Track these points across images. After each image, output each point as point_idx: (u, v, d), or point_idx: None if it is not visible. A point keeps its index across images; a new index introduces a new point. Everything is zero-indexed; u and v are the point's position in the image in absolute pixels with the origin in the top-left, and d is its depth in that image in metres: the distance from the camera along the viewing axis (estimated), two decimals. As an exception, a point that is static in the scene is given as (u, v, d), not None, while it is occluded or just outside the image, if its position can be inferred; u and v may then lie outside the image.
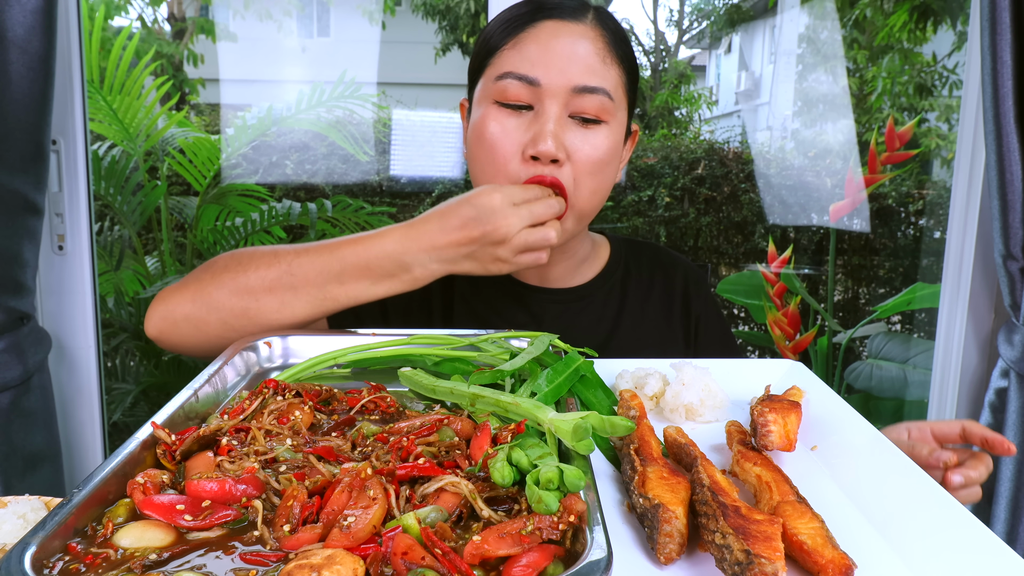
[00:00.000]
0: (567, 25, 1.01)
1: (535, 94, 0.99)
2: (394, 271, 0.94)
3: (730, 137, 5.04)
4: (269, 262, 0.96)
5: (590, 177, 1.01)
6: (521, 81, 0.99)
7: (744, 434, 0.74)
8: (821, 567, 0.52)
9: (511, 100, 1.00)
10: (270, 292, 0.95)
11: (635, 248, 1.26)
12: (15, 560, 0.46)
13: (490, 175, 1.03)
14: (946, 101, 4.18)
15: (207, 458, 0.61)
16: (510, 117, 1.00)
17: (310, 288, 0.95)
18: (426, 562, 0.47)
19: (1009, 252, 1.58)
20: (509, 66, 1.00)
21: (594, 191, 1.03)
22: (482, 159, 1.03)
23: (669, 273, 1.23)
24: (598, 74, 1.00)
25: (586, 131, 1.00)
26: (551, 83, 0.98)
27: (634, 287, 1.21)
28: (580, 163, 1.00)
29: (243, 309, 0.95)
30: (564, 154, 0.99)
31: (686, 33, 5.99)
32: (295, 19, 4.42)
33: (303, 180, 3.77)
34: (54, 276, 1.69)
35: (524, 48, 1.00)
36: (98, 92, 2.70)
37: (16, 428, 1.49)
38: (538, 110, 0.99)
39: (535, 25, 1.01)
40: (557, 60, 0.98)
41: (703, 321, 1.22)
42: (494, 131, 1.01)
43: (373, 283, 0.95)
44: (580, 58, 0.99)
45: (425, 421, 0.68)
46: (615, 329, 1.17)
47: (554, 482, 0.53)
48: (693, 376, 0.84)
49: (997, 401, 1.67)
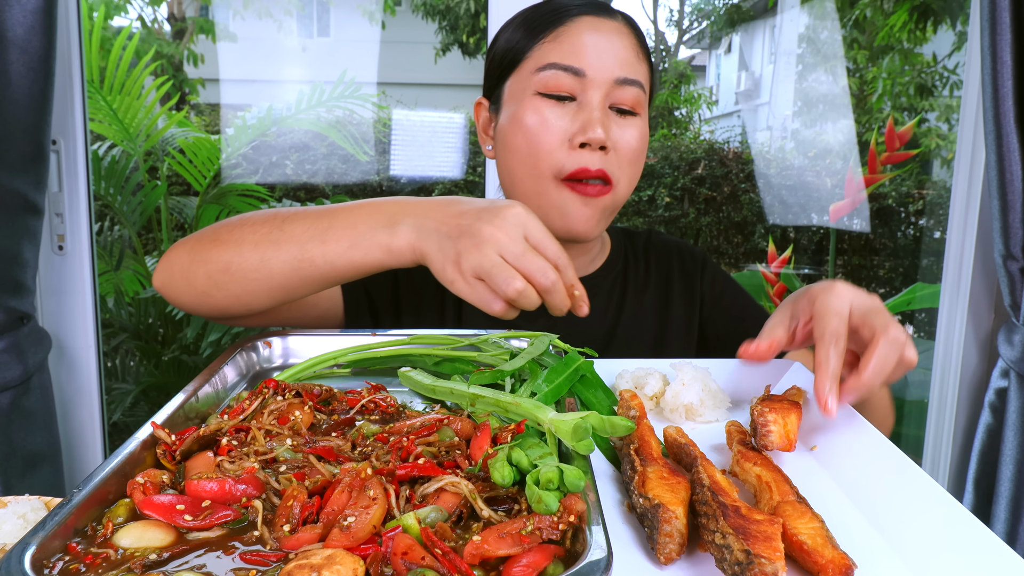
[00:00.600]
0: (604, 21, 1.04)
1: (580, 84, 1.01)
2: (378, 228, 0.84)
3: (730, 137, 5.04)
4: (266, 218, 0.91)
5: (630, 166, 1.05)
6: (567, 72, 1.01)
7: (744, 434, 0.74)
8: (821, 567, 0.53)
9: (555, 91, 1.01)
10: (255, 247, 0.89)
11: (631, 236, 1.28)
12: (15, 560, 0.46)
13: (530, 166, 1.02)
14: (946, 101, 4.18)
15: (207, 458, 0.61)
16: (554, 107, 1.02)
17: (291, 246, 0.88)
18: (426, 562, 0.47)
19: (1009, 252, 1.58)
20: (553, 57, 1.02)
21: (632, 180, 1.07)
22: (523, 149, 1.03)
23: (663, 257, 1.24)
24: (634, 67, 1.04)
25: (625, 121, 1.04)
26: (596, 74, 1.00)
27: (632, 274, 1.22)
28: (623, 152, 1.03)
29: (226, 263, 0.90)
30: (611, 143, 1.01)
31: (686, 33, 5.99)
32: (295, 19, 4.42)
33: (303, 180, 3.77)
34: (54, 276, 1.69)
35: (567, 40, 1.02)
36: (98, 92, 2.71)
37: (16, 428, 1.49)
38: (582, 100, 1.01)
39: (573, 20, 1.03)
40: (600, 52, 1.01)
41: (714, 294, 1.22)
42: (538, 121, 1.01)
43: (353, 244, 0.85)
44: (620, 51, 1.02)
45: (425, 421, 0.68)
46: (619, 315, 1.18)
47: (554, 482, 0.53)
48: (693, 376, 0.84)
49: (997, 401, 1.67)
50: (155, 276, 0.98)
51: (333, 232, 0.86)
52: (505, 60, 1.08)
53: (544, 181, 1.02)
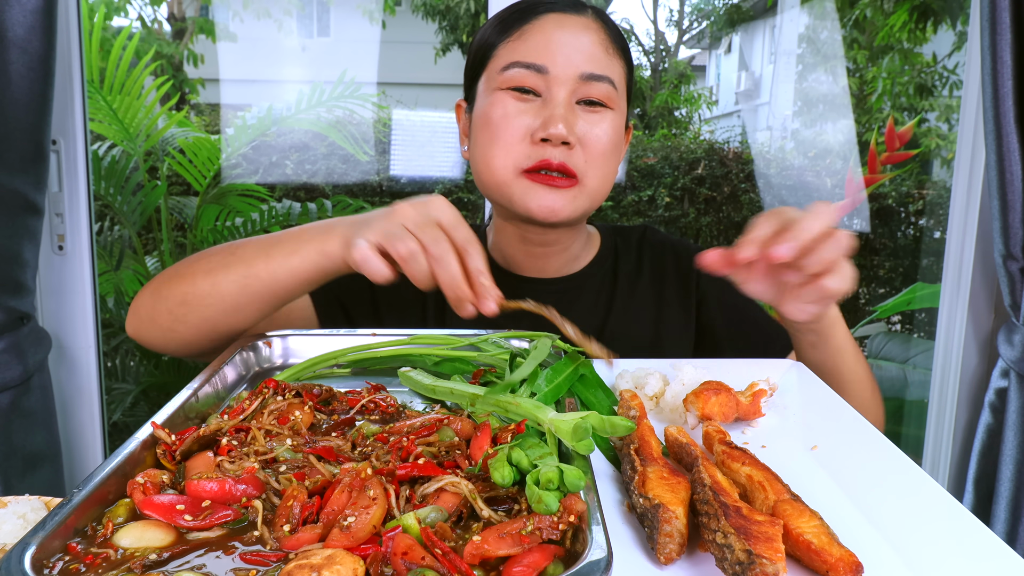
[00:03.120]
0: (570, 17, 1.04)
1: (543, 81, 1.01)
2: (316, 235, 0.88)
3: (730, 137, 5.04)
4: (220, 248, 0.94)
5: (601, 160, 1.04)
6: (529, 69, 1.01)
7: (724, 433, 0.73)
8: (831, 565, 0.52)
9: (521, 86, 1.01)
10: (207, 274, 0.92)
11: (623, 233, 1.27)
12: (15, 560, 0.46)
13: (492, 158, 1.02)
14: (946, 101, 4.18)
15: (207, 458, 0.61)
16: (518, 102, 1.02)
17: (239, 265, 0.90)
18: (426, 562, 0.47)
19: (1009, 252, 1.58)
20: (518, 56, 1.02)
21: (604, 176, 1.06)
22: (485, 143, 1.03)
23: (657, 254, 1.23)
24: (603, 63, 1.03)
25: (594, 116, 1.03)
26: (559, 70, 1.00)
27: (623, 272, 1.21)
28: (591, 147, 1.02)
29: (183, 294, 0.92)
30: (575, 138, 1.00)
31: (686, 33, 5.99)
32: (295, 19, 4.42)
33: (303, 180, 3.77)
34: (54, 276, 1.69)
35: (530, 38, 1.02)
36: (98, 92, 2.71)
37: (16, 428, 1.49)
38: (546, 97, 1.01)
39: (538, 18, 1.03)
40: (564, 48, 1.01)
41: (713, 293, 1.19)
42: (501, 115, 1.01)
43: (292, 251, 0.88)
44: (586, 47, 1.02)
45: (425, 421, 0.68)
46: (608, 314, 1.17)
47: (554, 482, 0.53)
48: (693, 376, 0.84)
49: (997, 401, 1.67)
50: (127, 323, 1.01)
51: (277, 247, 0.89)
52: (476, 59, 1.09)
53: (507, 173, 1.02)
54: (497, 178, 1.03)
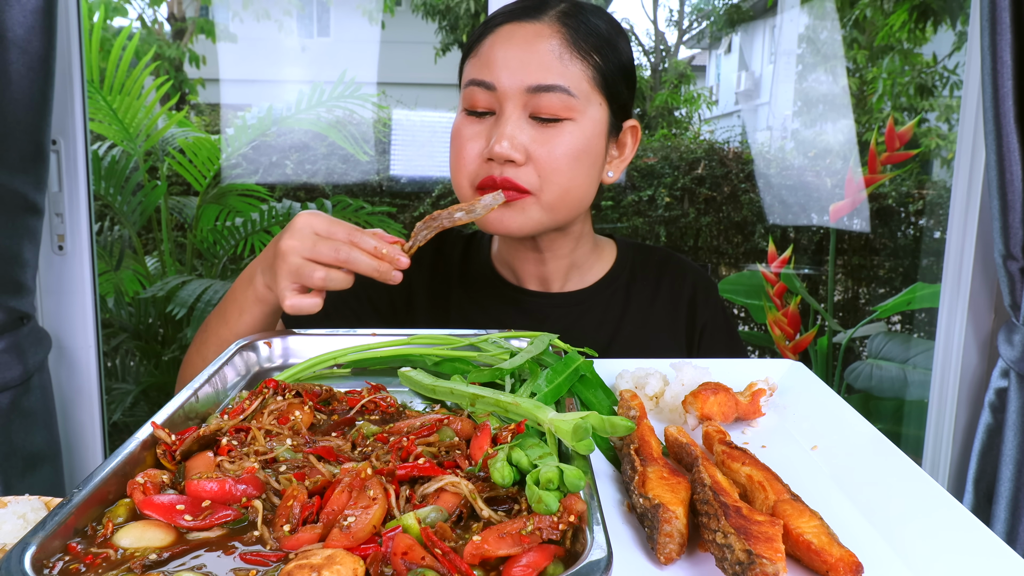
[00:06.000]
0: (522, 26, 1.03)
1: (494, 98, 1.02)
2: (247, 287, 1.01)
3: (730, 137, 5.04)
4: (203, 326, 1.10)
5: (557, 174, 1.02)
6: (480, 87, 1.02)
7: (723, 433, 0.73)
8: (831, 565, 0.52)
9: (473, 107, 1.04)
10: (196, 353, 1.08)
11: (644, 253, 1.25)
12: (15, 560, 0.46)
13: (453, 175, 1.08)
14: (946, 101, 4.18)
15: (207, 458, 0.61)
16: (474, 124, 1.04)
17: (213, 338, 1.05)
18: (426, 562, 0.47)
19: (1009, 252, 1.58)
20: (472, 74, 1.04)
21: (566, 188, 1.03)
22: (450, 163, 1.09)
23: (677, 280, 1.22)
24: (555, 71, 1.00)
25: (546, 130, 1.01)
26: (505, 86, 1.00)
27: (639, 293, 1.20)
28: (542, 162, 1.01)
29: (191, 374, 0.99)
30: (522, 155, 1.00)
31: (686, 33, 5.99)
32: (295, 19, 4.42)
33: (303, 180, 3.77)
34: (54, 276, 1.69)
35: (482, 55, 1.04)
36: (98, 92, 2.71)
37: (16, 428, 1.49)
38: (498, 114, 1.03)
39: (493, 31, 1.04)
40: (510, 62, 1.01)
41: (708, 330, 1.21)
42: (456, 134, 1.06)
43: (241, 310, 1.02)
44: (534, 58, 1.00)
45: (425, 421, 0.68)
46: (616, 334, 1.16)
47: (554, 482, 0.53)
48: (693, 376, 0.84)
49: (997, 401, 1.67)
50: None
51: (230, 310, 1.04)
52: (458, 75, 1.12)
53: (465, 190, 1.07)
54: (460, 194, 1.07)
